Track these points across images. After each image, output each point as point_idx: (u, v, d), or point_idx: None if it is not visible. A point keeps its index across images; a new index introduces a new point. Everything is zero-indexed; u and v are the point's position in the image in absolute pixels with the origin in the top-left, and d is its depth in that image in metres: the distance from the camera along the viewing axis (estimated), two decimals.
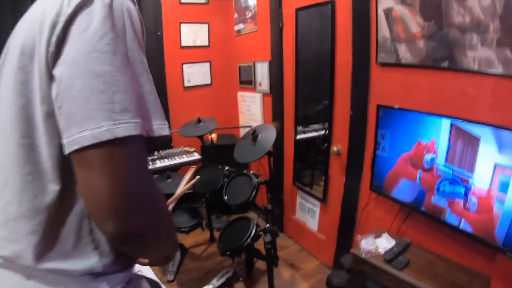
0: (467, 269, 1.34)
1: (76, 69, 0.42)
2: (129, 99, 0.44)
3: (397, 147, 1.54)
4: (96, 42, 0.43)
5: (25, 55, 0.47)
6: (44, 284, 0.48)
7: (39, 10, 0.48)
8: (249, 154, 1.95)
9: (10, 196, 0.48)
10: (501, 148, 1.14)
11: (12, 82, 0.48)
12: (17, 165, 0.47)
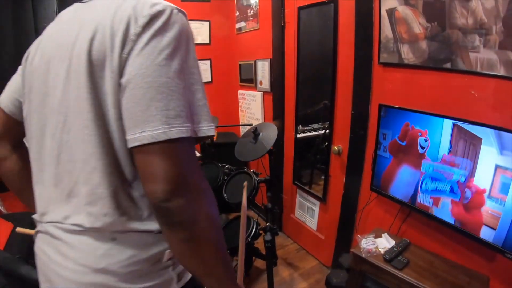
0: (466, 269, 1.35)
1: (139, 80, 0.53)
2: (181, 106, 0.54)
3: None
4: (155, 57, 0.53)
5: (96, 64, 0.56)
6: (131, 241, 0.64)
7: (94, 21, 0.57)
8: (250, 152, 1.94)
9: (99, 180, 0.60)
10: (502, 149, 1.14)
11: (84, 84, 0.57)
12: (101, 155, 0.59)
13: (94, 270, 0.62)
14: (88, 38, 0.56)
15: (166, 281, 0.69)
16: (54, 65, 0.63)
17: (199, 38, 3.11)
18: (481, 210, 1.22)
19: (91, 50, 0.56)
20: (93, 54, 0.56)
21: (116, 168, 0.61)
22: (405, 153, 1.50)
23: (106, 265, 0.62)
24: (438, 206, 1.39)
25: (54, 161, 0.65)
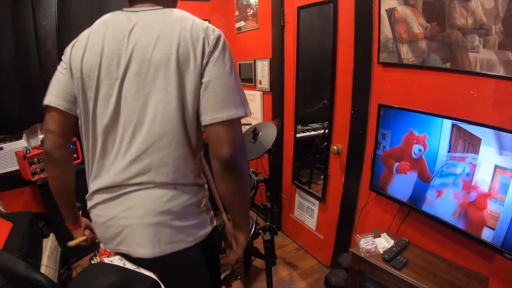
0: (465, 269, 1.35)
1: (216, 82, 0.83)
2: (240, 99, 0.86)
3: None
4: (224, 67, 0.84)
5: (183, 66, 0.83)
6: (186, 190, 0.93)
7: (173, 35, 0.83)
8: (249, 152, 1.94)
9: (174, 148, 0.87)
10: (501, 150, 1.14)
11: (172, 79, 0.83)
12: (177, 132, 0.86)
13: (160, 212, 0.88)
14: (175, 47, 0.82)
15: (204, 221, 0.98)
16: (123, 61, 0.84)
17: None
18: (480, 211, 1.22)
19: (178, 55, 0.82)
20: (180, 59, 0.82)
21: (186, 140, 0.89)
22: (403, 154, 1.50)
23: (170, 207, 0.89)
24: (437, 205, 1.39)
25: (128, 136, 0.87)
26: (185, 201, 0.92)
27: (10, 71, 2.24)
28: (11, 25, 2.19)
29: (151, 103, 0.85)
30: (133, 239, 0.90)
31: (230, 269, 2.28)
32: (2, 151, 2.22)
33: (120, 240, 0.93)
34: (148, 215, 0.88)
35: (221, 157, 0.85)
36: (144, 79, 0.84)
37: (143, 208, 0.88)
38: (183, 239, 0.92)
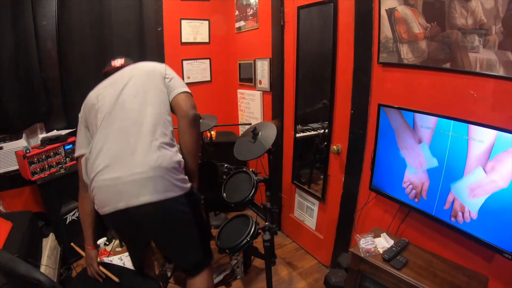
0: (465, 269, 1.36)
1: (175, 81, 1.45)
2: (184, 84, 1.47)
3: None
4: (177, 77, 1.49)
5: (160, 80, 1.42)
6: (169, 151, 1.28)
7: (149, 68, 1.49)
8: (249, 151, 1.94)
9: (163, 122, 1.32)
10: (501, 150, 1.14)
11: (159, 84, 1.41)
12: (159, 115, 1.33)
13: (154, 167, 1.20)
14: (158, 71, 1.45)
15: (185, 178, 1.32)
16: (124, 83, 1.39)
17: (198, 37, 3.11)
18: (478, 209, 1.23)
19: (161, 74, 1.43)
20: (162, 75, 1.43)
21: (168, 116, 1.37)
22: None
23: (161, 162, 1.21)
24: (437, 206, 1.39)
25: (132, 128, 1.27)
26: (171, 158, 1.25)
27: (10, 70, 2.24)
28: (11, 24, 2.19)
29: (148, 99, 1.38)
30: (134, 190, 1.18)
31: (230, 269, 2.28)
32: (2, 150, 2.22)
33: (120, 198, 1.19)
34: (146, 170, 1.19)
35: (187, 114, 1.35)
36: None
37: (141, 165, 1.20)
38: (173, 189, 1.24)
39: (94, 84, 1.43)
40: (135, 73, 1.42)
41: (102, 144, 1.26)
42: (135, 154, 1.21)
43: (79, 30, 2.51)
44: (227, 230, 2.13)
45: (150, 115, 1.29)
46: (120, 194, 1.19)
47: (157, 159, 1.21)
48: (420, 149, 1.42)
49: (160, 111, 1.33)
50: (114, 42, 2.68)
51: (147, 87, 1.36)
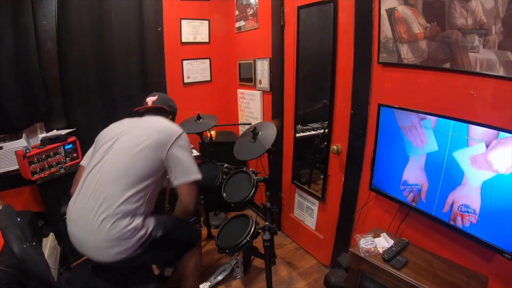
0: (465, 269, 1.36)
1: (183, 165, 1.50)
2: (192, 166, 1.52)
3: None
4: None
5: (161, 152, 1.44)
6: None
7: (161, 137, 1.46)
8: (249, 151, 1.94)
9: (126, 202, 1.35)
10: (500, 150, 1.14)
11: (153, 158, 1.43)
12: (130, 188, 1.38)
13: (107, 239, 1.30)
14: (165, 143, 1.44)
15: (142, 235, 1.38)
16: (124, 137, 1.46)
17: (198, 37, 3.11)
18: (478, 211, 1.23)
19: (167, 145, 1.44)
20: (166, 146, 1.44)
21: (141, 191, 1.41)
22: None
23: (115, 233, 1.31)
24: (437, 206, 1.39)
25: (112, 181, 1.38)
26: (127, 227, 1.31)
27: (10, 70, 2.24)
28: (11, 24, 2.19)
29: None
30: (92, 252, 1.33)
31: (229, 269, 2.28)
32: (2, 150, 2.22)
33: (84, 249, 1.35)
34: (100, 240, 1.30)
35: (188, 209, 1.58)
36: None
37: (97, 234, 1.30)
38: (126, 252, 1.33)
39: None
40: (140, 137, 1.43)
41: (81, 191, 1.40)
42: (94, 221, 1.30)
43: (79, 30, 2.51)
44: (227, 230, 2.13)
45: (121, 188, 1.34)
46: (84, 247, 1.36)
47: (112, 231, 1.29)
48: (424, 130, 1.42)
49: (134, 184, 1.36)
50: (114, 42, 2.68)
51: (138, 160, 1.38)
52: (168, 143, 1.43)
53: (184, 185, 1.46)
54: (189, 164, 1.47)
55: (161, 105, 1.66)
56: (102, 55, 2.65)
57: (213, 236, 2.70)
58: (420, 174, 1.45)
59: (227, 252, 1.91)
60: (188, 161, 1.47)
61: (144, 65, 2.86)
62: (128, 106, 2.84)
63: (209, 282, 2.14)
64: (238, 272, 2.25)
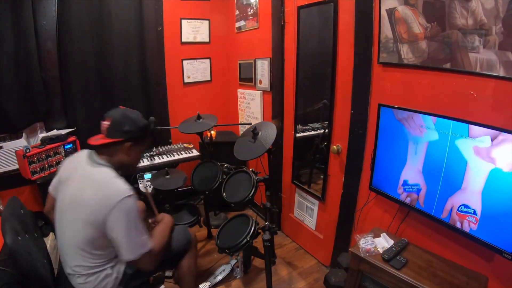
0: (465, 269, 1.36)
1: (124, 244, 1.26)
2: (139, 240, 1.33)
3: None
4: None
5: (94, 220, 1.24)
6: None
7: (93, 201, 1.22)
8: (249, 151, 1.94)
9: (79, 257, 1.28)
10: (501, 149, 1.14)
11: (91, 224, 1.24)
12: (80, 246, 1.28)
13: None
14: (100, 216, 1.21)
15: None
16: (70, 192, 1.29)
17: (198, 37, 3.11)
18: (478, 212, 1.23)
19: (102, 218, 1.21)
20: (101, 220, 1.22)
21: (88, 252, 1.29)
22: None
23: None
24: (437, 206, 1.39)
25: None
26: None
27: (10, 70, 2.24)
28: (11, 24, 2.19)
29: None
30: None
31: (229, 269, 2.28)
32: (2, 150, 2.22)
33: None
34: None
35: (150, 269, 1.41)
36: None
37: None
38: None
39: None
40: (75, 210, 1.25)
41: (56, 236, 1.39)
42: (70, 270, 1.31)
43: (79, 30, 2.51)
44: (227, 230, 2.12)
45: (81, 257, 1.27)
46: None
47: (86, 285, 1.30)
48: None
49: (92, 253, 1.27)
50: (114, 42, 2.68)
51: (84, 237, 1.24)
52: (103, 221, 1.19)
53: (138, 259, 1.27)
54: (134, 240, 1.24)
55: (108, 140, 1.30)
56: (102, 55, 2.65)
57: (213, 236, 2.70)
58: (419, 174, 1.45)
59: (227, 252, 1.91)
60: (129, 238, 1.22)
61: (144, 65, 2.86)
62: (128, 106, 2.84)
63: (209, 282, 2.14)
64: (238, 272, 2.25)
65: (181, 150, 2.87)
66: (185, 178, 2.49)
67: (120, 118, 1.34)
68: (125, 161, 1.36)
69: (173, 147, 2.95)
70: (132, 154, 1.37)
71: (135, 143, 1.35)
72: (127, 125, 1.32)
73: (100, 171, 1.28)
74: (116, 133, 1.31)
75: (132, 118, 1.36)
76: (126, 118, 1.34)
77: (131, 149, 1.35)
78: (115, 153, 1.33)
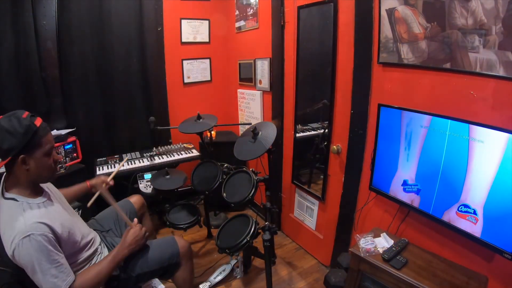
0: (465, 269, 1.36)
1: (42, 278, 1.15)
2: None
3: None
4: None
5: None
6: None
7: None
8: (249, 151, 1.94)
9: None
10: (500, 150, 1.14)
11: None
12: None
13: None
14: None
15: None
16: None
17: (198, 37, 3.11)
18: (478, 210, 1.23)
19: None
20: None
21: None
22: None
23: None
24: (437, 206, 1.39)
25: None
26: None
27: (10, 70, 2.24)
28: (11, 24, 2.19)
29: None
30: None
31: (229, 269, 2.28)
32: None
33: None
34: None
35: None
36: None
37: None
38: None
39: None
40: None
41: None
42: None
43: (79, 30, 2.51)
44: (227, 229, 2.13)
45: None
46: None
47: None
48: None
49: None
50: (114, 42, 2.68)
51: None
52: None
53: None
54: (42, 282, 1.12)
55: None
56: (102, 55, 2.65)
57: (213, 236, 2.71)
58: (419, 174, 1.45)
59: (227, 252, 1.91)
60: (37, 279, 1.12)
61: (144, 65, 2.87)
62: (128, 106, 2.85)
63: (209, 282, 2.14)
64: (238, 272, 2.25)
65: (181, 150, 2.88)
66: (185, 178, 2.49)
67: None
68: (30, 176, 1.19)
69: (173, 147, 2.95)
70: (31, 166, 1.16)
71: (26, 153, 1.14)
72: (4, 140, 1.11)
73: (4, 208, 1.17)
74: (1, 155, 1.14)
75: (7, 128, 1.12)
76: (1, 133, 1.12)
77: (26, 162, 1.15)
78: (16, 174, 1.18)
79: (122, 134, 2.89)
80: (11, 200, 1.17)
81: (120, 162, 2.62)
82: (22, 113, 1.20)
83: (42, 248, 1.10)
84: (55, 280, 1.14)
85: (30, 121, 1.17)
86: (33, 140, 1.16)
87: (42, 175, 1.22)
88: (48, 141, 1.22)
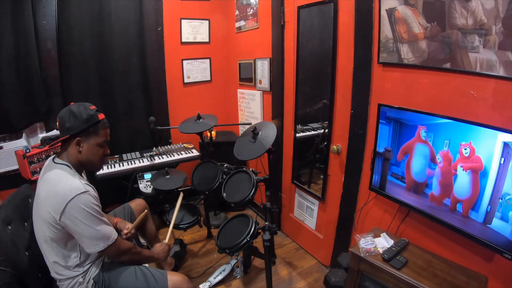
0: (465, 269, 1.36)
1: (84, 237, 1.31)
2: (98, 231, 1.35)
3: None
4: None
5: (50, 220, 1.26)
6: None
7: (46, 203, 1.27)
8: (249, 151, 1.94)
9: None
10: (500, 150, 1.14)
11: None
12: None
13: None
14: (51, 213, 1.25)
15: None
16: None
17: (198, 37, 3.11)
18: (478, 210, 1.23)
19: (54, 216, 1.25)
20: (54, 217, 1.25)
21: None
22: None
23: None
24: (437, 206, 1.39)
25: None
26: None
27: (10, 70, 2.24)
28: (11, 24, 2.19)
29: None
30: None
31: (229, 269, 2.28)
32: (2, 150, 2.22)
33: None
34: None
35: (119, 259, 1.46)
36: None
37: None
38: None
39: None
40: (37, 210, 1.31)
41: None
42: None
43: (79, 30, 2.51)
44: (227, 229, 2.13)
45: (48, 256, 1.34)
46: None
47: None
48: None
49: (57, 251, 1.32)
50: (114, 42, 2.68)
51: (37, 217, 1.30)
52: (58, 219, 1.22)
53: (102, 251, 1.34)
54: (94, 234, 1.28)
55: (59, 140, 1.35)
56: (102, 55, 2.65)
57: (213, 236, 2.70)
58: (419, 174, 1.45)
59: (227, 252, 1.91)
60: (89, 232, 1.26)
61: (144, 65, 2.87)
62: (128, 106, 2.85)
63: (209, 282, 2.14)
64: (238, 272, 2.25)
65: (181, 150, 2.88)
66: (185, 178, 2.49)
67: (64, 115, 1.33)
68: (80, 158, 1.35)
69: (173, 147, 2.95)
70: (83, 149, 1.34)
71: (83, 137, 1.33)
72: (69, 121, 1.31)
73: (55, 171, 1.30)
74: (62, 131, 1.33)
75: (74, 112, 1.31)
76: (68, 114, 1.32)
77: (80, 144, 1.33)
78: (69, 151, 1.35)
79: (122, 134, 2.89)
80: (65, 165, 1.32)
81: (120, 162, 2.62)
82: (90, 105, 1.38)
83: (96, 204, 1.29)
84: (108, 229, 1.33)
85: (95, 113, 1.35)
86: (92, 128, 1.34)
87: (90, 160, 1.38)
88: (105, 134, 1.40)
